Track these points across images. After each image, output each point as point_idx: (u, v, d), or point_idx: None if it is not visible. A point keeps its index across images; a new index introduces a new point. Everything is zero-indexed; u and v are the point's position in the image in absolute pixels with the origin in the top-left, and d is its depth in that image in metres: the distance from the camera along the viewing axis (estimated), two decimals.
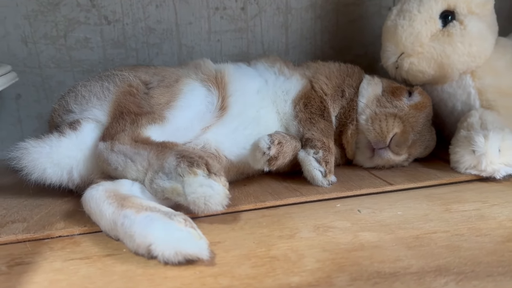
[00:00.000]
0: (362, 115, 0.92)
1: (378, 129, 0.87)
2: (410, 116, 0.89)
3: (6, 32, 1.08)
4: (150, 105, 0.79)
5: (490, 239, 0.61)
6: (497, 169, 0.81)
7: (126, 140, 0.72)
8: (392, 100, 0.91)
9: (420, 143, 0.91)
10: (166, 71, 0.87)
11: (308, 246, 0.62)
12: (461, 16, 0.92)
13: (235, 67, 0.96)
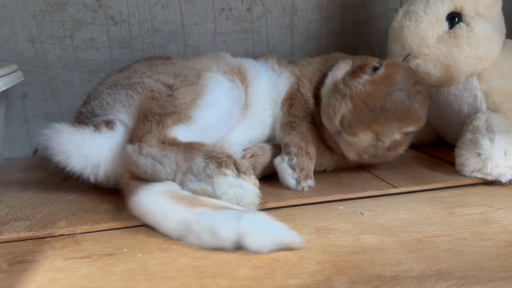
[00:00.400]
0: (321, 104, 0.87)
1: (327, 114, 0.82)
2: (363, 93, 0.79)
3: (13, 32, 1.09)
4: (175, 105, 0.78)
5: (494, 244, 0.61)
6: (503, 172, 0.79)
7: (153, 142, 0.71)
8: (349, 80, 0.83)
9: (386, 118, 0.78)
10: (186, 68, 0.85)
11: (308, 248, 0.61)
12: (468, 18, 0.91)
13: (252, 63, 0.96)
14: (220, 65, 0.88)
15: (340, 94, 0.81)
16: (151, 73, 0.82)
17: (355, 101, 0.79)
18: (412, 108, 0.81)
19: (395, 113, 0.79)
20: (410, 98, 0.81)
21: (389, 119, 0.79)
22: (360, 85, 0.80)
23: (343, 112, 0.79)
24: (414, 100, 0.81)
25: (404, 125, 0.81)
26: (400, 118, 0.79)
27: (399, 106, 0.79)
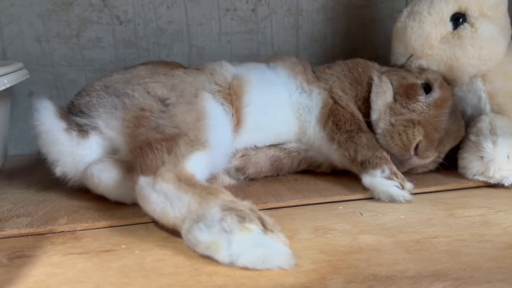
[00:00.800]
0: (377, 129, 0.86)
1: (400, 143, 0.82)
2: (431, 117, 0.83)
3: (20, 31, 1.10)
4: (174, 123, 0.71)
5: (492, 245, 0.60)
6: (506, 175, 0.79)
7: (170, 178, 0.63)
8: (407, 103, 0.85)
9: (448, 139, 0.85)
10: (185, 82, 0.80)
11: (305, 247, 0.61)
12: (472, 18, 0.90)
13: (258, 72, 0.91)
14: (211, 84, 0.84)
15: (407, 121, 0.83)
16: (149, 81, 0.78)
17: (426, 127, 0.82)
18: (461, 125, 0.90)
19: (453, 133, 0.87)
20: (458, 114, 0.90)
21: (449, 139, 0.86)
22: (425, 109, 0.84)
23: (419, 140, 0.81)
24: (459, 115, 0.91)
25: (456, 141, 0.89)
26: (456, 136, 0.88)
27: (456, 126, 0.88)
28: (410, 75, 0.90)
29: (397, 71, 0.93)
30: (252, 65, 0.95)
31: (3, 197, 0.84)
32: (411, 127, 0.82)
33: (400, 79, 0.89)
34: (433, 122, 0.83)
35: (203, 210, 0.59)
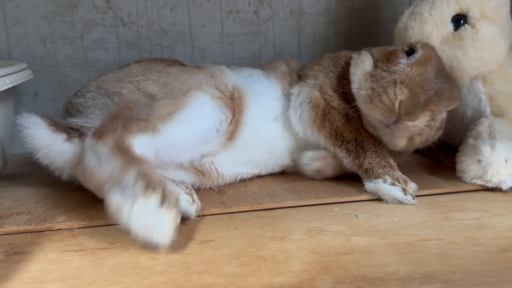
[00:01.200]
0: (359, 99, 0.82)
1: (380, 104, 0.77)
2: (414, 75, 0.78)
3: (26, 32, 1.12)
4: (148, 114, 0.74)
5: (485, 249, 0.60)
6: (503, 179, 0.78)
7: (109, 142, 0.66)
8: (388, 67, 0.81)
9: (438, 98, 0.78)
10: (177, 81, 0.81)
11: (297, 248, 0.62)
12: (474, 20, 0.90)
13: (255, 84, 0.90)
14: (211, 86, 0.84)
15: (387, 82, 0.78)
16: (141, 79, 0.80)
17: (410, 85, 0.76)
18: (455, 86, 0.84)
19: (444, 92, 0.79)
20: (450, 77, 0.85)
21: (440, 98, 0.79)
22: (407, 69, 0.79)
23: (401, 99, 0.75)
24: (452, 79, 0.86)
25: (451, 103, 0.82)
26: (448, 96, 0.80)
27: (446, 84, 0.80)
28: (385, 47, 0.88)
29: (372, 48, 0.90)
30: (249, 72, 0.94)
31: (5, 195, 0.86)
32: (391, 87, 0.77)
33: (381, 49, 0.87)
34: (417, 80, 0.78)
35: (122, 175, 0.61)
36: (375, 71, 0.82)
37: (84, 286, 0.54)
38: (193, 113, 0.77)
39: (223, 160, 0.85)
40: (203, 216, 0.74)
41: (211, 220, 0.73)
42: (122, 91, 0.78)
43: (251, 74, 0.93)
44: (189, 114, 0.77)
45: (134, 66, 0.86)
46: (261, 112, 0.88)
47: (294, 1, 1.23)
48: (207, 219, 0.73)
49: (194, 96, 0.78)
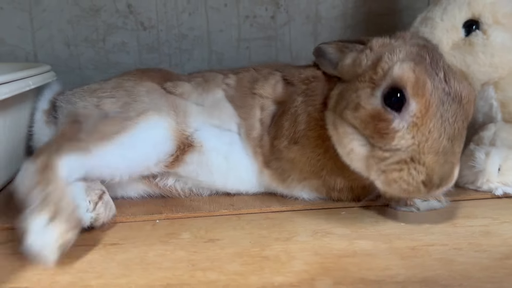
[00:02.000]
0: (373, 181, 0.69)
1: (402, 191, 0.65)
2: (421, 144, 0.63)
3: (51, 35, 1.17)
4: (89, 133, 0.73)
5: (488, 255, 0.60)
6: (494, 187, 0.79)
7: (38, 162, 0.64)
8: (386, 144, 0.65)
9: (457, 143, 0.65)
10: (137, 103, 0.79)
11: (301, 249, 0.63)
12: (485, 26, 0.89)
13: (221, 147, 0.83)
14: (171, 115, 0.80)
15: (395, 164, 0.64)
16: (106, 95, 0.81)
17: (424, 160, 0.63)
18: (463, 82, 0.69)
19: (460, 135, 0.66)
20: (455, 74, 0.70)
21: (459, 142, 0.66)
22: (410, 140, 0.64)
23: (422, 179, 0.63)
24: (458, 75, 0.71)
25: (470, 111, 0.69)
26: (467, 110, 0.67)
27: (459, 124, 0.65)
28: (362, 93, 0.68)
29: (343, 93, 0.73)
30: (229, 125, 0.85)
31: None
32: (404, 170, 0.64)
33: (355, 110, 0.68)
34: (430, 147, 0.63)
35: (29, 196, 0.60)
36: (374, 152, 0.66)
37: (92, 279, 0.56)
38: (138, 137, 0.75)
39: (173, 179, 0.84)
40: (211, 216, 0.76)
41: (219, 220, 0.74)
42: (79, 104, 0.80)
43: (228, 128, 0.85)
44: (133, 136, 0.75)
45: (110, 81, 0.86)
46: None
47: (311, 6, 1.24)
48: (216, 219, 0.75)
49: (147, 119, 0.76)
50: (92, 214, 0.68)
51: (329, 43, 0.80)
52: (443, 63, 0.69)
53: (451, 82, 0.66)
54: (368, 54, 0.73)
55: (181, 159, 0.80)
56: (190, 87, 0.88)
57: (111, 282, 0.55)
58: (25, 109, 0.89)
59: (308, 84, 0.80)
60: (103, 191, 0.70)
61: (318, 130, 0.76)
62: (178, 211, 0.77)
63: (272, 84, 0.84)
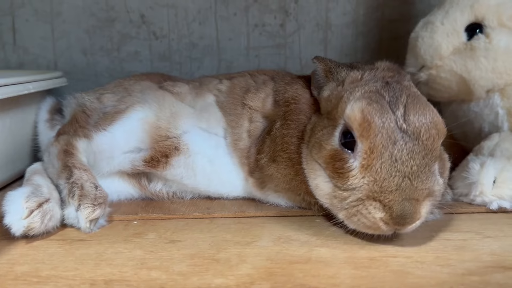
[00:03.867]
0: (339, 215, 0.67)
1: (364, 227, 0.63)
2: (374, 183, 0.61)
3: (69, 45, 1.24)
4: (95, 123, 0.84)
5: (451, 270, 0.55)
6: (488, 201, 0.72)
7: (62, 143, 0.81)
8: (344, 183, 0.64)
9: (419, 180, 0.61)
10: (131, 97, 0.87)
11: (256, 253, 0.61)
12: (489, 29, 0.84)
13: (207, 151, 0.84)
14: (153, 110, 0.84)
15: (355, 202, 0.63)
16: (107, 92, 0.91)
17: (379, 197, 0.60)
18: (429, 111, 0.65)
19: (426, 169, 0.62)
20: (420, 101, 0.66)
21: (424, 175, 0.61)
22: (361, 180, 0.62)
23: (380, 217, 0.61)
24: (423, 101, 0.66)
25: (438, 140, 0.64)
26: (432, 143, 0.63)
27: (419, 157, 0.62)
28: (326, 133, 0.69)
29: (314, 129, 0.72)
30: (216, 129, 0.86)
31: None
32: (363, 208, 0.62)
33: (319, 150, 0.68)
34: (384, 185, 0.60)
35: (58, 177, 0.77)
36: (336, 192, 0.65)
37: (45, 270, 0.58)
38: (121, 126, 0.83)
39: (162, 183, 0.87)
40: (184, 219, 0.76)
41: (191, 222, 0.74)
42: (86, 98, 0.91)
43: (216, 132, 0.86)
44: (120, 128, 0.82)
45: (115, 81, 0.96)
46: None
47: (321, 14, 1.23)
48: (188, 221, 0.75)
49: (135, 110, 0.84)
50: (25, 222, 0.65)
51: (323, 60, 0.77)
52: (407, 99, 0.65)
53: (410, 118, 0.62)
54: (339, 90, 0.72)
55: (168, 162, 0.82)
56: (187, 89, 0.92)
57: (60, 274, 0.57)
58: (29, 113, 0.95)
59: (287, 107, 0.80)
60: (46, 200, 0.70)
61: (289, 153, 0.76)
62: (153, 212, 0.78)
63: (262, 98, 0.84)
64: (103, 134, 0.82)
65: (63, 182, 0.74)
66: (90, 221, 0.69)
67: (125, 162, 0.82)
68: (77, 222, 0.70)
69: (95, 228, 0.70)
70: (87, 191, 0.71)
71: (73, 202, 0.70)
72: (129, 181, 0.85)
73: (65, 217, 0.71)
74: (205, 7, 1.23)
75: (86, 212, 0.69)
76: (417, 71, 0.91)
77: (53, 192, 0.74)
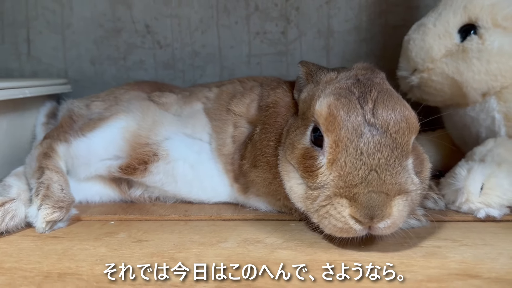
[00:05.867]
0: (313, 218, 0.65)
1: (335, 228, 0.60)
2: (340, 178, 0.59)
3: (79, 54, 1.29)
4: (78, 128, 0.87)
5: (410, 276, 0.52)
6: (475, 208, 0.68)
7: (44, 146, 0.85)
8: (314, 182, 0.63)
9: (387, 174, 0.58)
10: (117, 106, 0.89)
11: (216, 254, 0.61)
12: (483, 29, 0.80)
13: (189, 155, 0.84)
14: (136, 120, 0.85)
15: (323, 202, 0.61)
16: (97, 100, 0.94)
17: (345, 193, 0.58)
18: (398, 104, 0.63)
19: (391, 163, 0.59)
20: (390, 94, 0.64)
21: (391, 170, 0.59)
22: (328, 176, 0.61)
23: (349, 213, 0.58)
24: (392, 93, 0.65)
25: (410, 134, 0.61)
26: (402, 135, 0.60)
27: (387, 152, 0.60)
28: (298, 133, 0.68)
29: (289, 130, 0.72)
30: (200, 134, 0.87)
31: None
32: (331, 207, 0.59)
33: (292, 151, 0.68)
34: (349, 179, 0.59)
35: (32, 177, 0.79)
36: (307, 193, 0.64)
37: (9, 262, 0.60)
38: (101, 132, 0.84)
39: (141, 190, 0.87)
40: (158, 220, 0.76)
41: (166, 224, 0.75)
42: (75, 104, 0.94)
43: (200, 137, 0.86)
44: (99, 136, 0.84)
45: (107, 90, 0.99)
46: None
47: (323, 21, 1.22)
48: (162, 223, 0.75)
49: (116, 119, 0.85)
50: None
51: (306, 64, 0.77)
52: (377, 94, 0.63)
53: (379, 112, 0.61)
54: (314, 90, 0.71)
55: (146, 169, 0.82)
56: (175, 99, 0.92)
57: (21, 267, 0.59)
58: (29, 117, 0.99)
59: (266, 111, 0.79)
60: (11, 199, 0.72)
61: (267, 157, 0.75)
62: (132, 213, 0.79)
63: (246, 104, 0.84)
64: (81, 140, 0.84)
65: (33, 181, 0.77)
66: (47, 222, 0.70)
67: (102, 168, 0.83)
68: (36, 221, 0.71)
69: (50, 230, 0.71)
70: (52, 192, 0.74)
71: (36, 200, 0.72)
72: (109, 185, 0.86)
73: (27, 215, 0.72)
74: (207, 16, 1.24)
75: (45, 213, 0.70)
76: (409, 75, 0.88)
77: (23, 193, 0.76)
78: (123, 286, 0.54)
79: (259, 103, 0.82)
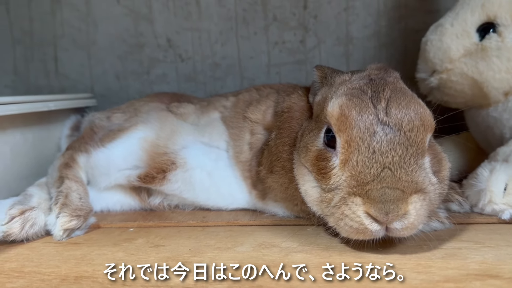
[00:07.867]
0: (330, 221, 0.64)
1: (350, 229, 0.59)
2: (353, 178, 0.59)
3: (104, 70, 1.33)
4: (98, 139, 0.89)
5: (427, 277, 0.51)
6: (498, 210, 0.65)
7: (66, 157, 0.88)
8: (328, 184, 0.62)
9: (402, 171, 0.57)
10: (137, 117, 0.91)
11: (230, 258, 0.61)
12: (502, 27, 0.77)
13: (207, 164, 0.85)
14: (154, 130, 0.86)
15: (339, 203, 0.60)
16: (118, 112, 0.96)
17: (359, 191, 0.58)
18: (415, 103, 0.62)
19: (407, 161, 0.58)
20: (405, 94, 0.63)
21: (406, 168, 0.57)
22: (342, 177, 0.60)
23: (364, 210, 0.57)
24: (409, 94, 0.64)
25: (425, 134, 0.60)
26: (417, 132, 0.59)
27: (402, 150, 0.59)
28: (312, 135, 0.68)
29: (303, 133, 0.72)
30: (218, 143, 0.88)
31: None
32: (344, 205, 0.59)
33: (305, 154, 0.67)
34: (356, 179, 0.58)
35: (53, 186, 0.82)
36: (322, 196, 0.63)
37: (29, 267, 0.62)
38: (120, 143, 0.85)
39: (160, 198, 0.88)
40: (176, 226, 0.77)
41: (183, 230, 0.75)
42: (96, 116, 0.97)
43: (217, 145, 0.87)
44: (117, 147, 0.85)
45: (128, 103, 1.01)
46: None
47: (341, 28, 1.21)
48: (180, 229, 0.76)
49: (134, 130, 0.86)
50: (4, 227, 0.70)
51: (321, 68, 0.77)
52: (390, 93, 0.63)
53: (392, 111, 0.60)
54: (328, 92, 0.71)
55: (165, 177, 0.83)
56: (192, 109, 0.94)
57: (40, 271, 0.61)
58: (54, 130, 1.02)
59: (281, 117, 0.79)
60: (31, 208, 0.74)
61: (282, 162, 0.75)
62: (151, 220, 0.80)
63: (262, 110, 0.85)
64: (101, 150, 0.86)
65: (54, 190, 0.80)
66: (64, 230, 0.72)
67: (121, 178, 0.84)
68: (54, 229, 0.73)
69: (67, 238, 0.72)
70: (70, 200, 0.76)
71: (55, 209, 0.75)
72: (130, 194, 0.87)
73: (46, 223, 0.74)
74: (227, 29, 1.26)
75: (63, 220, 0.72)
76: (428, 77, 0.86)
77: (44, 202, 0.78)
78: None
79: (275, 109, 0.83)
